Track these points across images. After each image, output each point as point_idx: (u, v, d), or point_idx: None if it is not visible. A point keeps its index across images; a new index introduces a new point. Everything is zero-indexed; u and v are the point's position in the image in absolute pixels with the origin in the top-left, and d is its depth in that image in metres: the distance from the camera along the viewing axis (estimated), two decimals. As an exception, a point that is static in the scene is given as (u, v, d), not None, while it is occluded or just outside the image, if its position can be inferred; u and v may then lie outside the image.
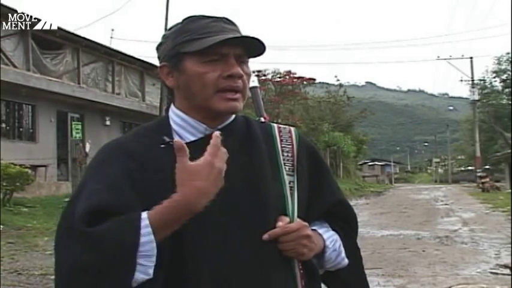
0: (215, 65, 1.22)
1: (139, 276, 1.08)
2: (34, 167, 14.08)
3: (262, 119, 1.50)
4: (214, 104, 1.23)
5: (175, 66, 1.26)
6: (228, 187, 1.19)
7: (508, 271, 7.04)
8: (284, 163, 1.30)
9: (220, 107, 1.23)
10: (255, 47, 1.26)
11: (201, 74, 1.22)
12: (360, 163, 56.98)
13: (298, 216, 1.25)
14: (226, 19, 1.28)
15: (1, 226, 9.27)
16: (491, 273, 7.02)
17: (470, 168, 54.98)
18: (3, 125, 15.65)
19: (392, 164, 78.80)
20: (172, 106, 1.31)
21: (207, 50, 1.21)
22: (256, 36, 1.23)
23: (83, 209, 1.12)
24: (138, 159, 1.20)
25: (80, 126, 18.35)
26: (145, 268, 1.09)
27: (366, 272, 1.44)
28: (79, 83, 17.72)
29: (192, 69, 1.23)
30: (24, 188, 11.49)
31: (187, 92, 1.26)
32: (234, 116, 1.31)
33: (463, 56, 42.60)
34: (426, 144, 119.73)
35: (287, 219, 1.23)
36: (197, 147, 1.21)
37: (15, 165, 11.47)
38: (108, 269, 1.07)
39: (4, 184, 10.87)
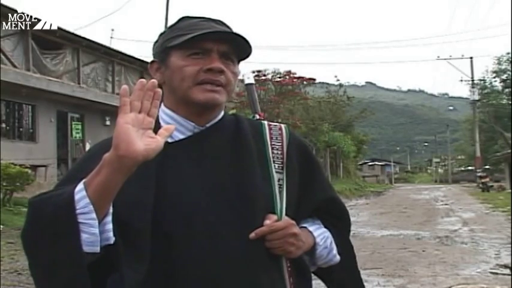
0: (197, 60, 1.24)
1: (85, 236, 1.06)
2: (34, 167, 14.07)
3: (257, 116, 1.51)
4: (192, 95, 1.24)
5: (163, 62, 1.28)
6: (216, 185, 1.21)
7: (508, 271, 7.04)
8: (274, 161, 1.30)
9: (198, 97, 1.23)
10: (241, 45, 1.26)
11: (181, 67, 1.24)
12: (360, 163, 56.97)
13: (287, 214, 1.25)
14: (219, 20, 1.30)
15: (1, 226, 9.27)
16: (491, 273, 7.02)
17: (470, 168, 54.96)
18: (3, 125, 15.65)
19: (392, 164, 78.72)
20: (161, 105, 1.31)
21: (190, 44, 1.22)
22: (238, 33, 1.24)
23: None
24: None
25: (80, 126, 18.38)
26: (87, 227, 1.06)
27: (366, 272, 1.45)
28: (79, 83, 17.73)
29: (175, 62, 1.25)
30: (24, 188, 11.47)
31: (170, 85, 1.27)
32: (222, 113, 1.32)
33: (463, 56, 42.72)
34: (426, 144, 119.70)
35: (274, 217, 1.23)
36: (186, 145, 1.24)
37: (15, 165, 11.45)
38: (51, 231, 1.07)
39: (4, 184, 10.86)
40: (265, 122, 1.38)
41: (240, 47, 1.27)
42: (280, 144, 1.33)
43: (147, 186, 1.17)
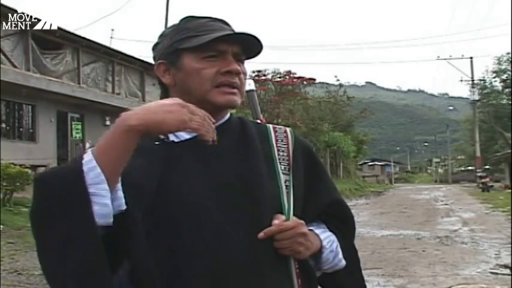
0: (213, 62, 1.23)
1: (97, 208, 1.04)
2: (34, 167, 14.06)
3: (259, 121, 1.50)
4: (212, 98, 1.23)
5: (173, 63, 1.27)
6: (223, 184, 1.20)
7: (508, 271, 7.04)
8: (280, 162, 1.29)
9: (219, 100, 1.24)
10: (253, 45, 1.27)
11: (199, 70, 1.23)
12: (360, 163, 56.99)
13: (294, 215, 1.25)
14: (223, 20, 1.30)
15: (1, 226, 9.27)
16: (491, 273, 7.02)
17: (470, 168, 54.96)
18: (3, 125, 15.66)
19: (392, 164, 78.75)
20: None
21: (205, 46, 1.22)
22: (254, 34, 1.24)
23: None
24: None
25: (80, 126, 18.40)
26: (99, 198, 1.04)
27: (366, 272, 1.44)
28: (79, 83, 17.73)
29: (190, 65, 1.24)
30: (24, 188, 11.46)
31: (184, 88, 1.26)
32: (228, 115, 1.32)
33: (463, 56, 42.74)
34: (426, 144, 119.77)
35: (283, 217, 1.22)
36: (192, 145, 1.23)
37: (15, 165, 11.46)
38: (61, 205, 1.04)
39: (4, 184, 10.86)
40: (270, 125, 1.38)
41: (250, 47, 1.27)
42: (286, 146, 1.33)
43: (150, 177, 1.16)
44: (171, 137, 1.25)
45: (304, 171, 1.33)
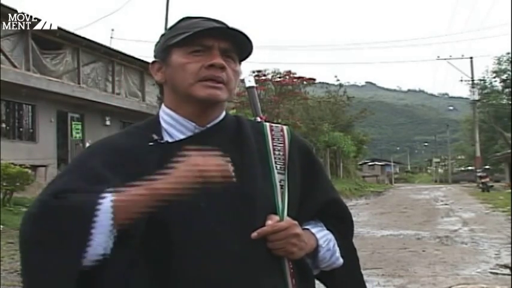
0: (199, 56, 1.24)
1: (91, 252, 1.08)
2: (34, 167, 14.05)
3: (259, 119, 1.49)
4: (194, 92, 1.23)
5: (164, 61, 1.28)
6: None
7: (508, 271, 7.04)
8: (275, 162, 1.29)
9: (200, 94, 1.23)
10: (241, 42, 1.26)
11: (183, 64, 1.24)
12: (360, 163, 56.96)
13: (289, 215, 1.24)
14: (220, 21, 1.30)
15: (1, 226, 9.27)
16: (491, 273, 7.02)
17: (470, 168, 54.97)
18: (3, 125, 15.65)
19: (392, 164, 78.76)
20: (162, 105, 1.32)
21: (191, 41, 1.23)
22: (238, 29, 1.24)
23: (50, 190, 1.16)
24: (123, 155, 1.20)
25: (80, 126, 18.39)
26: (97, 242, 1.09)
27: (366, 272, 1.44)
28: (79, 83, 17.73)
29: (177, 60, 1.25)
30: (24, 188, 11.46)
31: (172, 84, 1.27)
32: (224, 114, 1.31)
33: (463, 56, 42.72)
34: (426, 144, 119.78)
35: (276, 217, 1.21)
36: (186, 145, 1.22)
37: (15, 165, 11.45)
38: (60, 239, 1.08)
39: (4, 184, 10.85)
40: (267, 124, 1.37)
41: (240, 44, 1.27)
42: (282, 145, 1.32)
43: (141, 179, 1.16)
44: (166, 137, 1.25)
45: (300, 170, 1.32)
